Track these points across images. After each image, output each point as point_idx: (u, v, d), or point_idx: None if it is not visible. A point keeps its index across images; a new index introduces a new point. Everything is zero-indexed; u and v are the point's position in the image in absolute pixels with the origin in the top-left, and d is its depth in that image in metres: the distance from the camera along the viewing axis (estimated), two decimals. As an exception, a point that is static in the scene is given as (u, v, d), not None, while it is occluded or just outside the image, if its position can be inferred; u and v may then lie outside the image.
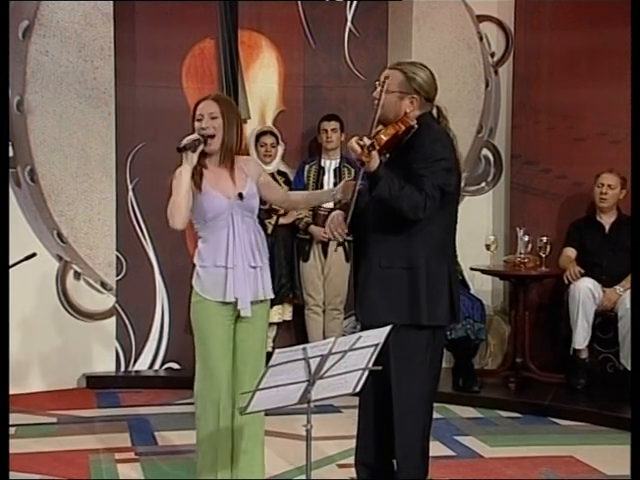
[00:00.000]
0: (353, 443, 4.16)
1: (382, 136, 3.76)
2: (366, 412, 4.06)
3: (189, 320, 4.20)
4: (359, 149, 3.64)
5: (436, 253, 3.86)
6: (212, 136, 4.05)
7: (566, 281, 6.39)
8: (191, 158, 4.00)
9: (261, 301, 4.15)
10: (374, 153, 3.66)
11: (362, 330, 3.55)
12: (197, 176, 4.08)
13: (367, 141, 3.65)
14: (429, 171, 3.73)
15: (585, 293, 6.28)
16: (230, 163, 4.11)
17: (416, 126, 3.82)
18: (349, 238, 4.21)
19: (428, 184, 3.71)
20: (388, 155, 3.89)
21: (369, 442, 4.06)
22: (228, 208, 4.07)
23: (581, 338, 6.31)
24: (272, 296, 4.21)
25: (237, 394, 4.12)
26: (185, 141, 4.00)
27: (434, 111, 3.98)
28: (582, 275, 6.36)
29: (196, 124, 4.09)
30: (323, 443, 5.17)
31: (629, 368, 6.00)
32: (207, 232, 4.11)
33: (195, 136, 4.03)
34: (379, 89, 3.87)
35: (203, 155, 4.08)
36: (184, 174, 3.99)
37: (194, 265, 4.17)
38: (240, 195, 4.07)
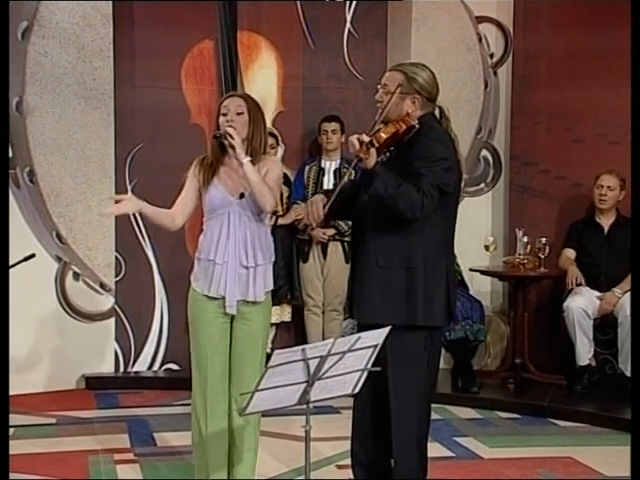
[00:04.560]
0: (351, 444, 4.17)
1: (382, 134, 3.78)
2: (362, 412, 4.06)
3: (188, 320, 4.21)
4: (358, 145, 3.66)
5: (434, 253, 3.86)
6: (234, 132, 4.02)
7: (568, 286, 6.39)
8: (138, 206, 4.06)
9: (256, 302, 4.14)
10: (372, 150, 3.68)
11: (358, 328, 3.54)
12: (207, 174, 4.10)
13: (366, 138, 3.67)
14: (428, 170, 3.73)
15: (578, 313, 6.27)
16: (255, 162, 4.06)
17: (417, 126, 3.83)
18: (347, 239, 4.21)
19: (427, 183, 3.71)
20: (388, 154, 3.90)
21: (365, 442, 4.06)
22: (226, 204, 4.08)
23: (583, 354, 6.32)
24: (261, 299, 4.14)
25: (233, 394, 4.12)
26: (219, 132, 4.01)
27: (436, 111, 3.99)
28: (581, 283, 6.36)
29: (221, 119, 4.08)
30: (322, 444, 5.16)
31: (627, 373, 6.01)
32: (207, 225, 4.16)
33: (227, 129, 4.01)
34: (380, 92, 3.88)
35: (225, 151, 4.08)
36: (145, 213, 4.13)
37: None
38: (241, 195, 4.08)
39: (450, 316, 3.94)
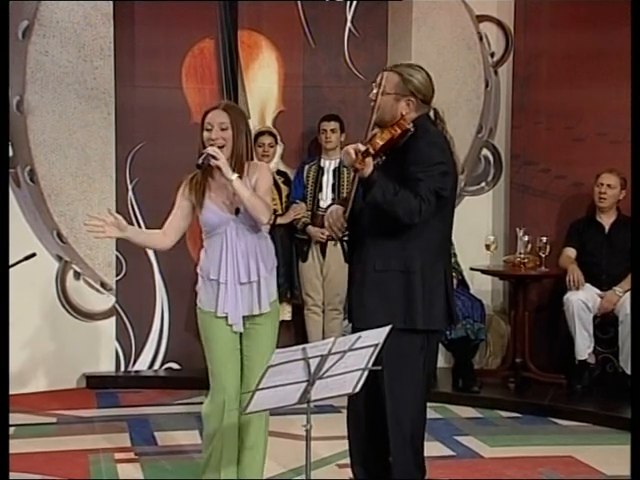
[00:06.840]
0: (351, 444, 4.16)
1: (377, 140, 3.75)
2: (356, 413, 4.04)
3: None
4: (354, 155, 3.65)
5: (432, 257, 3.85)
6: (221, 147, 4.01)
7: (568, 286, 6.39)
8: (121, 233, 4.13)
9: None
10: (368, 160, 3.66)
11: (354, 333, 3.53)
12: (199, 195, 4.09)
13: (362, 147, 3.65)
14: (425, 175, 3.72)
15: (578, 305, 6.28)
16: (240, 173, 4.04)
17: (412, 129, 3.80)
18: (346, 238, 4.19)
19: (424, 188, 3.69)
20: (384, 157, 3.89)
21: (362, 443, 4.06)
22: (223, 222, 4.07)
23: (583, 348, 6.31)
24: (267, 310, 4.14)
25: (241, 396, 4.13)
26: (202, 159, 3.98)
27: (431, 113, 3.97)
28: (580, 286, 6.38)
29: (205, 134, 4.05)
30: (322, 443, 5.16)
31: (628, 372, 6.01)
32: (207, 243, 4.16)
33: (208, 150, 3.97)
34: (375, 91, 3.87)
35: (211, 167, 4.04)
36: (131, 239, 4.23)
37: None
38: (237, 210, 4.05)
39: (450, 319, 3.93)
